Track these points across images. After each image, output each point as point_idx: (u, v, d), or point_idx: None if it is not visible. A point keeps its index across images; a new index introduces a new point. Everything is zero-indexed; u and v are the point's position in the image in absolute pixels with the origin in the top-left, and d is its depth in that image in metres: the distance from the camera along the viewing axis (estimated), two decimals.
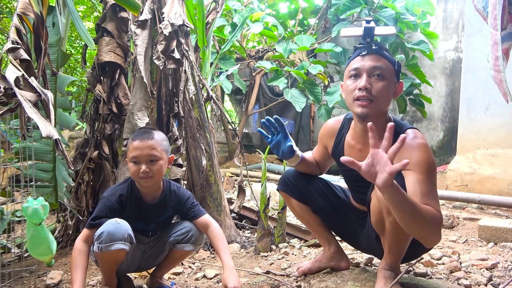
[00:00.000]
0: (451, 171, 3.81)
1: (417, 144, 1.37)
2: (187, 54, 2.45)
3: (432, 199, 1.29)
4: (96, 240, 1.43)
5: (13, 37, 1.50)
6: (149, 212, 1.62)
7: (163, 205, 1.64)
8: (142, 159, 1.50)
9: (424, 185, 1.30)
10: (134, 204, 1.58)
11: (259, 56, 6.69)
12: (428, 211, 1.24)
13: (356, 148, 1.55)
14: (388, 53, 1.45)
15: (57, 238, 2.41)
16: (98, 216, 1.51)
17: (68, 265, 2.18)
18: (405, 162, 1.09)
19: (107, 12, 2.47)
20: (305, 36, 5.01)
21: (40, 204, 1.58)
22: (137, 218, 1.59)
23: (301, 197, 1.71)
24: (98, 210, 1.52)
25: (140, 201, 1.59)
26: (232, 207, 2.61)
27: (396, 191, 1.14)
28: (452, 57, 5.85)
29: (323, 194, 1.70)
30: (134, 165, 1.51)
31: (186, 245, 1.63)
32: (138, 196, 1.59)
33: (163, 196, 1.63)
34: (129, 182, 1.60)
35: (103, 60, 2.40)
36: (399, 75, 1.46)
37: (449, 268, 1.80)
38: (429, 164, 1.34)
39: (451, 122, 5.83)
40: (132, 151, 1.51)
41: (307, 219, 1.77)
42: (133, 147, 1.51)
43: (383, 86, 1.38)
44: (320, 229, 1.79)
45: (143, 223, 1.62)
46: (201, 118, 2.48)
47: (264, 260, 2.10)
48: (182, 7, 2.47)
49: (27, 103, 1.31)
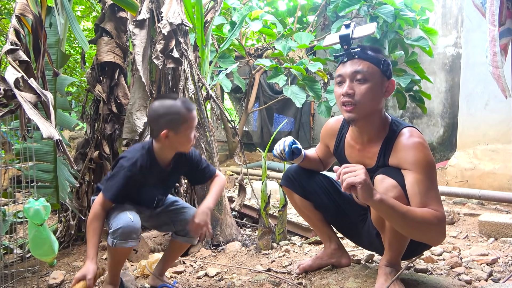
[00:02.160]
0: (451, 167, 3.81)
1: (413, 143, 1.38)
2: (186, 53, 2.45)
3: (432, 198, 1.30)
4: (111, 235, 1.46)
5: (12, 39, 1.50)
6: (162, 177, 1.64)
7: (176, 169, 1.66)
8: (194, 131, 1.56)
9: (422, 185, 1.31)
10: (151, 170, 1.57)
11: (258, 54, 6.68)
12: (424, 215, 1.25)
13: (356, 148, 1.56)
14: (378, 52, 1.45)
15: (59, 238, 2.43)
16: (119, 191, 1.49)
17: (70, 265, 2.19)
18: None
19: (105, 12, 2.48)
20: (304, 34, 5.01)
21: (42, 205, 1.59)
22: (150, 183, 1.60)
23: (304, 193, 1.73)
24: (120, 183, 1.49)
25: (157, 167, 1.59)
26: (233, 206, 2.62)
27: (380, 204, 1.24)
28: (452, 53, 5.85)
29: (325, 191, 1.72)
30: (191, 135, 1.54)
31: (183, 238, 1.71)
32: (155, 163, 1.58)
33: (176, 160, 1.64)
34: (146, 149, 1.57)
35: (102, 60, 2.41)
36: (389, 73, 1.45)
37: (450, 264, 1.81)
38: (426, 163, 1.34)
39: (451, 118, 5.83)
40: (194, 121, 1.55)
41: (309, 215, 1.78)
42: (193, 117, 1.54)
43: (366, 89, 1.40)
44: (321, 225, 1.80)
45: (153, 187, 1.63)
46: (201, 117, 2.48)
47: (265, 258, 2.11)
48: (180, 6, 2.47)
49: (27, 105, 1.32)
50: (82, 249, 2.39)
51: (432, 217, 1.26)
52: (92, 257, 1.44)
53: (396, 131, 1.45)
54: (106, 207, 1.51)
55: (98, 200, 1.51)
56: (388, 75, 1.45)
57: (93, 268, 1.42)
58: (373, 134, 1.49)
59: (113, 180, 1.51)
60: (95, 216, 1.48)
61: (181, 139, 1.53)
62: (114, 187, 1.49)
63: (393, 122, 1.50)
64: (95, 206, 1.50)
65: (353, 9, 4.77)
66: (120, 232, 1.43)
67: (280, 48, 4.69)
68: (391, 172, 1.39)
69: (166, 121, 1.50)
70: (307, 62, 4.56)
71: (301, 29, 6.83)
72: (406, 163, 1.37)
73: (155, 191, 1.66)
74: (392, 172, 1.39)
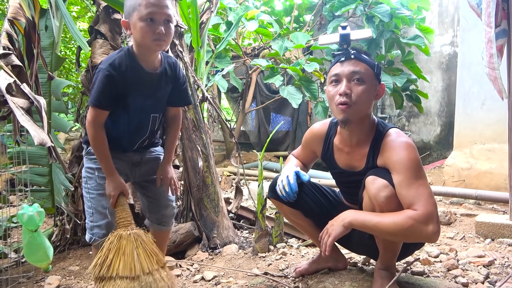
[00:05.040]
0: (448, 167, 3.81)
1: (398, 143, 1.39)
2: (182, 55, 2.43)
3: (416, 196, 1.29)
4: (90, 230, 1.51)
5: (4, 43, 1.49)
6: (150, 83, 1.47)
7: (164, 77, 1.50)
8: (158, 18, 1.31)
9: (406, 185, 1.32)
10: (135, 73, 1.42)
11: (255, 54, 6.67)
12: (395, 221, 1.28)
13: (344, 151, 1.55)
14: (369, 56, 1.47)
15: (55, 242, 2.41)
16: (103, 93, 1.37)
17: (66, 270, 2.18)
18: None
19: (100, 14, 2.45)
20: (301, 34, 5.00)
21: (35, 211, 1.58)
22: (137, 90, 1.45)
23: (292, 203, 1.67)
24: (101, 87, 1.36)
25: (141, 71, 1.43)
26: (230, 208, 2.61)
27: (352, 226, 1.37)
28: (448, 52, 5.85)
29: (314, 198, 1.67)
30: (149, 24, 1.31)
31: (160, 226, 1.71)
32: (138, 65, 1.42)
33: (163, 67, 1.49)
34: (125, 50, 1.42)
35: (96, 63, 2.38)
36: (380, 77, 1.47)
37: (446, 266, 1.80)
38: (410, 161, 1.34)
39: (448, 116, 5.83)
40: (147, 8, 1.30)
41: (300, 223, 1.75)
42: (148, 3, 1.30)
43: (363, 90, 1.40)
44: (314, 232, 1.75)
45: (142, 96, 1.47)
46: (196, 119, 2.47)
47: (262, 261, 2.10)
48: (175, 8, 2.46)
49: (19, 111, 1.30)
50: (78, 253, 2.38)
51: (406, 219, 1.26)
52: (114, 173, 1.46)
53: (382, 132, 1.45)
54: (99, 119, 1.40)
55: (89, 117, 1.40)
56: (379, 79, 1.47)
57: (121, 181, 1.46)
58: (362, 136, 1.49)
59: (94, 86, 1.39)
60: (97, 135, 1.41)
61: (135, 30, 1.33)
62: (96, 92, 1.37)
63: (379, 123, 1.50)
64: (89, 126, 1.41)
65: (349, 9, 4.76)
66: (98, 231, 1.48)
67: (276, 48, 4.68)
68: (381, 172, 1.38)
69: (125, 10, 1.36)
70: (304, 62, 4.55)
71: (297, 29, 6.82)
72: (391, 163, 1.38)
73: (144, 102, 1.49)
74: (381, 172, 1.39)
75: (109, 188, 1.45)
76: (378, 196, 1.34)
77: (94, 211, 1.54)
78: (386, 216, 1.31)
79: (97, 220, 1.53)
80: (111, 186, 1.45)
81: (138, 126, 1.53)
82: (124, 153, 1.58)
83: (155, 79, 1.47)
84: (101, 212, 1.52)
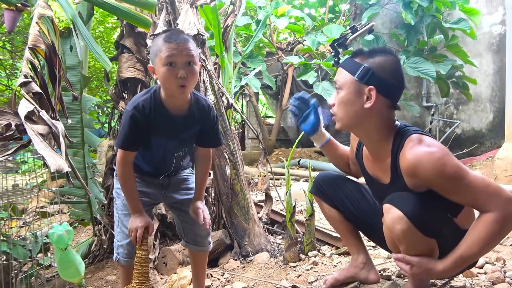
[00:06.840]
0: (499, 160, 3.52)
1: (415, 157, 1.23)
2: (205, 63, 2.42)
3: (476, 198, 1.18)
4: (116, 249, 1.56)
5: (25, 71, 1.54)
6: (174, 125, 1.46)
7: (191, 120, 1.48)
8: (179, 62, 1.31)
9: (453, 193, 1.21)
10: (159, 116, 1.42)
11: (290, 48, 6.56)
12: (481, 236, 1.16)
13: (369, 159, 1.48)
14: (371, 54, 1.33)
15: (94, 251, 2.51)
16: (128, 136, 1.40)
17: (104, 279, 2.26)
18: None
19: (124, 28, 2.50)
20: (334, 26, 4.83)
21: (65, 230, 1.64)
22: (161, 132, 1.46)
23: (332, 203, 1.69)
24: (127, 129, 1.39)
25: (166, 113, 1.43)
26: (260, 215, 2.57)
27: (446, 274, 1.28)
28: (499, 32, 5.39)
29: (354, 201, 1.65)
30: (169, 69, 1.31)
31: (196, 247, 1.70)
32: (163, 107, 1.42)
33: (192, 110, 1.47)
34: (152, 92, 1.42)
35: (124, 77, 2.44)
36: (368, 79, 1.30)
37: (491, 280, 1.65)
38: (446, 173, 1.19)
39: (501, 102, 5.39)
40: (167, 52, 1.30)
41: (337, 225, 1.74)
42: (168, 48, 1.30)
43: (339, 99, 1.37)
44: (350, 236, 1.73)
45: (166, 138, 1.48)
46: (223, 127, 2.45)
47: (293, 271, 2.05)
48: (196, 16, 2.45)
49: (37, 138, 1.34)
50: (115, 263, 2.46)
51: (492, 226, 1.15)
52: (140, 210, 1.46)
53: (400, 143, 1.32)
54: (127, 159, 1.44)
55: (118, 158, 1.44)
56: (367, 81, 1.30)
57: (147, 219, 1.46)
58: (376, 146, 1.40)
59: (120, 129, 1.44)
60: (123, 174, 1.45)
61: (159, 74, 1.34)
62: (121, 134, 1.42)
63: (399, 131, 1.36)
64: (118, 165, 1.44)
65: None
66: (123, 252, 1.53)
67: (309, 44, 4.56)
68: (400, 198, 1.27)
69: (150, 55, 1.40)
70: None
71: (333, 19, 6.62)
72: (421, 182, 1.25)
73: (168, 143, 1.50)
74: (400, 198, 1.28)
75: (133, 223, 1.45)
76: (394, 229, 1.26)
77: (120, 230, 1.59)
78: (468, 241, 1.20)
79: (121, 239, 1.57)
80: (135, 222, 1.45)
81: (162, 162, 1.56)
82: (152, 178, 1.62)
83: (180, 122, 1.46)
84: (125, 231, 1.55)
